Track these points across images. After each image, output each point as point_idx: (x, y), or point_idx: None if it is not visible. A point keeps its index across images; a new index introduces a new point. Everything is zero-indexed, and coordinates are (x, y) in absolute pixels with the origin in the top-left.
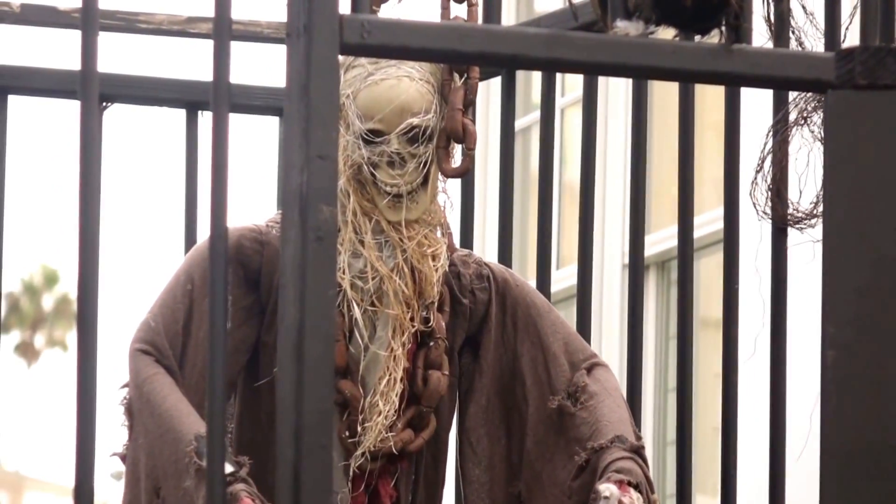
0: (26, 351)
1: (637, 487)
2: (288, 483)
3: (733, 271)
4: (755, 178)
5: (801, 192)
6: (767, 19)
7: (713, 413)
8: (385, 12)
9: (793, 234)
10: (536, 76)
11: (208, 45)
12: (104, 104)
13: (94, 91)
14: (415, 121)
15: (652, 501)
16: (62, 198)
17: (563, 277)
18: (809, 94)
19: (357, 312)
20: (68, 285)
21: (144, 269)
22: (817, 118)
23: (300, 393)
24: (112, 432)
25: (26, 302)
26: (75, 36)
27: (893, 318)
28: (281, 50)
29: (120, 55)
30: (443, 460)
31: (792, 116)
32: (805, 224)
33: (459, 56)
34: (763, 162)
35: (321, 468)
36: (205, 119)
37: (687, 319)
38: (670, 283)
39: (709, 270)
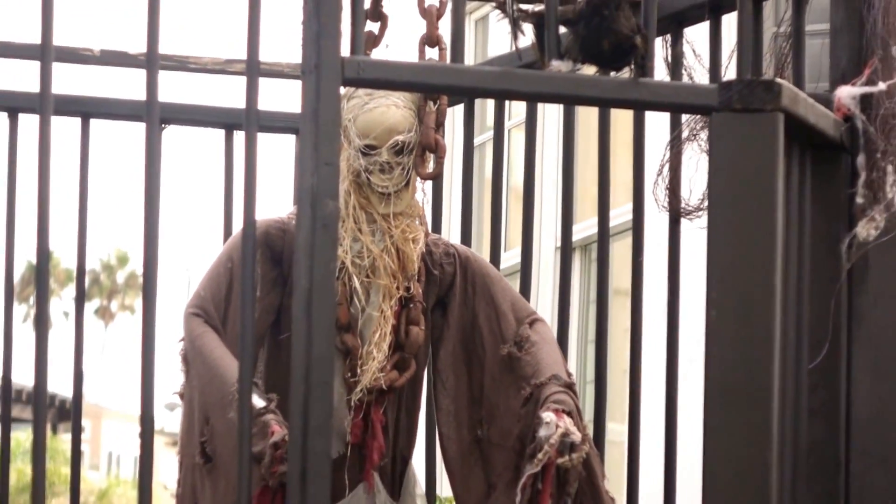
0: (104, 314)
1: (570, 414)
2: (300, 410)
3: (639, 251)
4: (656, 180)
5: (690, 191)
6: (666, 60)
7: (622, 359)
8: (376, 55)
9: (684, 223)
10: (490, 103)
11: (242, 80)
12: (163, 126)
13: (155, 116)
14: (400, 138)
15: (581, 425)
16: (132, 197)
17: (510, 257)
18: (698, 116)
19: (356, 283)
20: (136, 264)
21: (192, 253)
22: (704, 135)
23: (309, 341)
24: (167, 375)
25: (104, 277)
26: (141, 74)
27: (756, 286)
28: (297, 84)
29: (175, 88)
30: (419, 393)
31: (685, 133)
32: (693, 215)
33: (432, 88)
34: (662, 168)
35: (324, 398)
36: (238, 137)
37: (603, 288)
38: (591, 261)
39: (621, 251)
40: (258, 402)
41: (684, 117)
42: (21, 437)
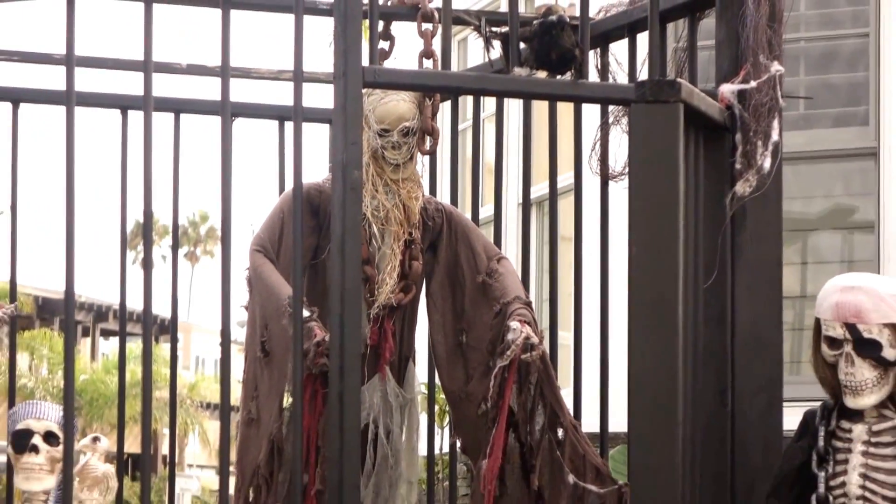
0: (191, 257)
1: (529, 324)
2: (337, 320)
3: (579, 206)
4: (590, 153)
5: (615, 161)
6: (597, 66)
7: (568, 284)
8: (387, 65)
9: (612, 185)
10: (469, 99)
11: (290, 85)
12: (233, 118)
13: (228, 111)
14: (406, 124)
15: (538, 332)
16: (211, 172)
17: (485, 211)
18: (620, 107)
19: (374, 229)
20: (214, 220)
21: (253, 211)
22: (624, 120)
23: (343, 271)
24: (238, 298)
25: (191, 230)
26: (217, 81)
27: (665, 229)
28: (330, 87)
29: (241, 91)
30: (417, 309)
31: (611, 119)
32: (618, 179)
33: (429, 88)
34: (595, 144)
35: (354, 312)
36: (288, 127)
37: (553, 234)
38: (544, 214)
39: (566, 206)
40: (304, 312)
41: (611, 108)
42: (132, 347)
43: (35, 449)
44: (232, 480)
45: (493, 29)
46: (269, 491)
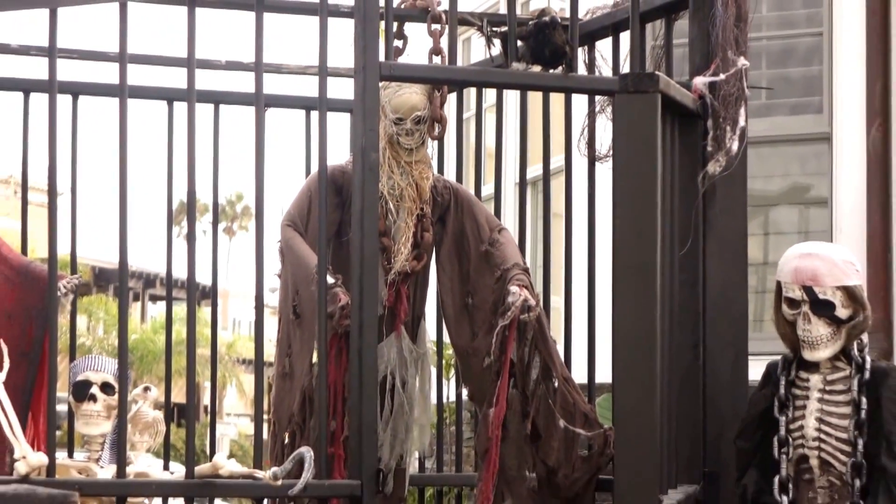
0: (229, 231)
1: (527, 288)
2: (358, 286)
3: (569, 185)
4: (579, 137)
5: (601, 144)
6: (585, 62)
7: (559, 255)
8: (401, 61)
9: (598, 166)
10: (473, 91)
11: (315, 79)
12: (266, 108)
13: (261, 102)
14: (419, 113)
15: (534, 296)
16: (245, 157)
17: (486, 190)
18: (606, 97)
19: (391, 205)
20: (249, 200)
21: (284, 190)
22: (609, 108)
23: (362, 243)
24: (271, 266)
25: (228, 208)
26: (251, 76)
27: (645, 203)
28: (351, 81)
29: (273, 84)
30: (428, 275)
31: (597, 108)
32: (603, 160)
33: (437, 81)
34: (583, 130)
35: (372, 279)
36: (313, 116)
37: (547, 210)
38: (538, 192)
39: (558, 185)
40: (330, 279)
41: (597, 98)
42: (177, 310)
43: (93, 398)
44: (265, 427)
45: (494, 29)
46: (302, 436)
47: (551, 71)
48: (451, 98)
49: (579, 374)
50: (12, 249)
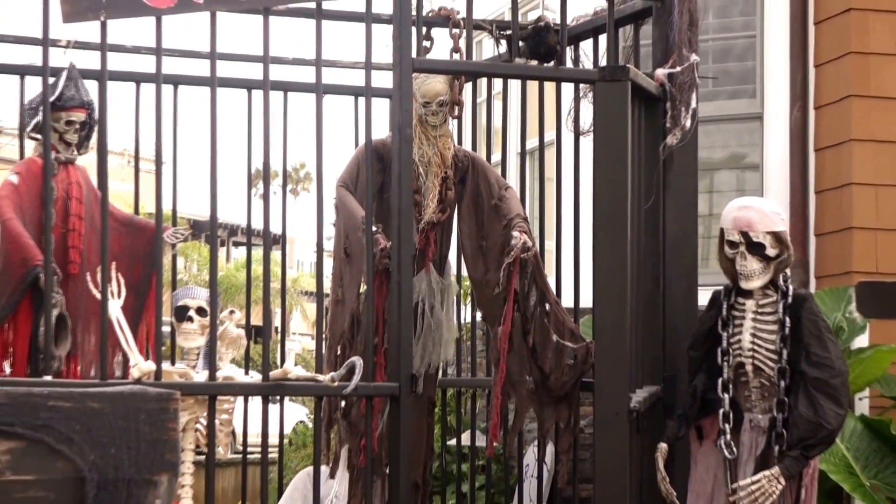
0: (294, 192)
1: (526, 233)
2: (396, 234)
3: (559, 154)
4: (567, 116)
5: (585, 121)
6: (571, 58)
7: (552, 209)
8: (429, 57)
9: (582, 139)
10: (484, 80)
11: (362, 72)
12: (324, 95)
13: (320, 90)
14: (442, 97)
15: (532, 239)
16: (307, 133)
17: (494, 158)
18: (588, 85)
19: (421, 170)
20: (310, 167)
21: (337, 159)
22: (591, 94)
23: (400, 198)
24: (328, 219)
25: (293, 173)
26: (312, 69)
27: (618, 168)
28: (390, 73)
29: (329, 76)
30: (451, 224)
31: (582, 94)
32: (587, 133)
33: (457, 72)
34: (570, 110)
35: (407, 227)
36: (361, 101)
37: (541, 174)
38: (535, 160)
39: (550, 155)
40: (373, 228)
41: (581, 85)
42: (255, 253)
43: (190, 318)
44: (323, 344)
45: (501, 31)
46: (351, 349)
47: (545, 64)
48: (467, 86)
49: (567, 300)
50: (114, 207)
